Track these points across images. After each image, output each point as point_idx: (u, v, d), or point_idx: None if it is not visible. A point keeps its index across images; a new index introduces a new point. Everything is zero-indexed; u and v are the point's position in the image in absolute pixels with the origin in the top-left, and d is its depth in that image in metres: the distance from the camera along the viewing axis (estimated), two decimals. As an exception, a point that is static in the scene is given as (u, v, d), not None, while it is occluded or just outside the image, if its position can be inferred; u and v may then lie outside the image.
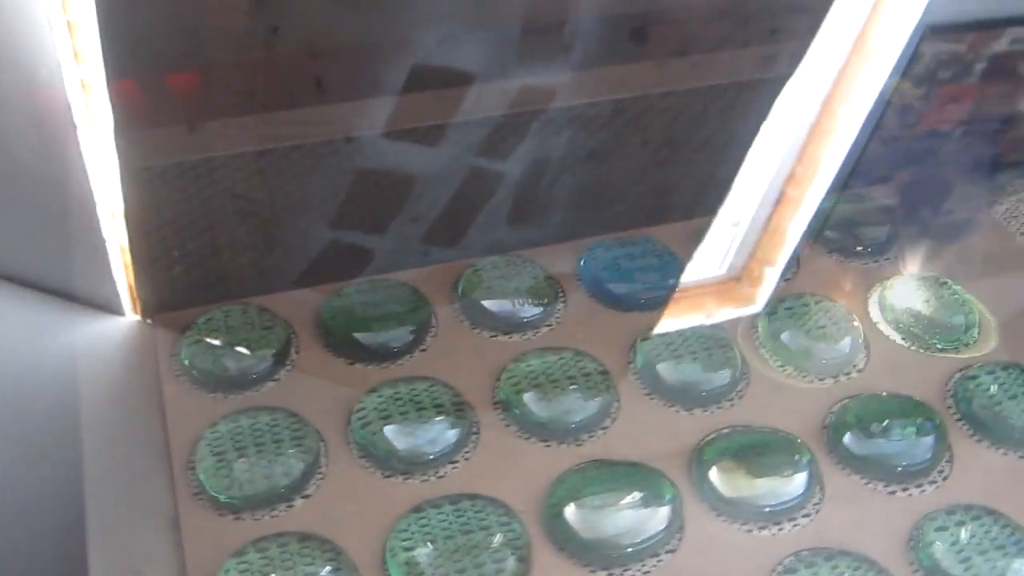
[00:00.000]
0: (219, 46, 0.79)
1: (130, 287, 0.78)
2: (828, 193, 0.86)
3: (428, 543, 0.67)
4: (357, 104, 0.82)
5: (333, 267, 0.85)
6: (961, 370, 0.81)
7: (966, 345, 0.84)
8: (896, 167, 1.00)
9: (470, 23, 0.85)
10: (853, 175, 0.93)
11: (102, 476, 0.70)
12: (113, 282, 0.77)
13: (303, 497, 0.70)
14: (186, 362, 0.76)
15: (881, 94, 0.81)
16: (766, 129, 0.83)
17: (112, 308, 0.79)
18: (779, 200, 0.85)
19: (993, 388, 0.80)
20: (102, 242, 0.74)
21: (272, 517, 0.69)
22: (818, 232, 0.91)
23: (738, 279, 0.86)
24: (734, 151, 0.87)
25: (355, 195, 0.84)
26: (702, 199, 0.89)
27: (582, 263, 0.86)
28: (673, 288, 0.85)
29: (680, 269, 0.87)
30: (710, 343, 0.81)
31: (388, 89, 0.83)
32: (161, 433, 0.73)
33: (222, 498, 0.69)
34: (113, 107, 0.67)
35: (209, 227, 0.83)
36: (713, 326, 0.82)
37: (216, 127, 0.79)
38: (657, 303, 0.84)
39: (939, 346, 0.83)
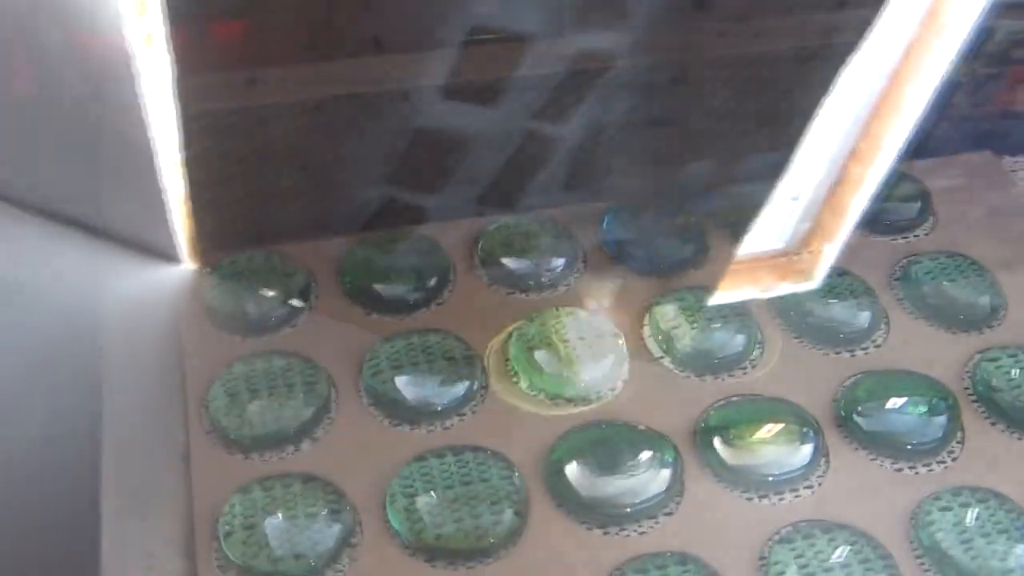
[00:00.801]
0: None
1: (187, 234, 0.79)
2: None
3: (428, 491, 0.68)
4: (415, 60, 0.83)
5: (384, 222, 0.86)
6: (982, 351, 0.80)
7: (990, 327, 0.82)
8: (963, 147, 0.98)
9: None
10: (918, 154, 0.92)
11: (121, 411, 0.72)
12: (169, 229, 0.78)
13: (311, 440, 0.72)
14: (207, 303, 0.78)
15: (950, 72, 0.79)
16: (830, 102, 0.81)
17: (168, 255, 0.80)
18: (841, 176, 0.84)
19: (1014, 372, 0.79)
20: (160, 190, 0.75)
21: (280, 458, 0.70)
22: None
23: (796, 254, 0.85)
24: (796, 123, 0.85)
25: (410, 152, 0.85)
26: (762, 170, 0.88)
27: (605, 224, 0.86)
28: (694, 254, 0.85)
29: (704, 236, 0.86)
30: (727, 310, 0.81)
31: (446, 46, 0.84)
32: (179, 372, 0.75)
33: (232, 437, 0.70)
34: (173, 57, 0.68)
35: (264, 177, 0.85)
36: (736, 298, 0.82)
37: (274, 79, 0.80)
38: (676, 268, 0.84)
39: (962, 326, 0.82)
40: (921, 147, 0.91)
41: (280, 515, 0.66)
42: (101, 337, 0.77)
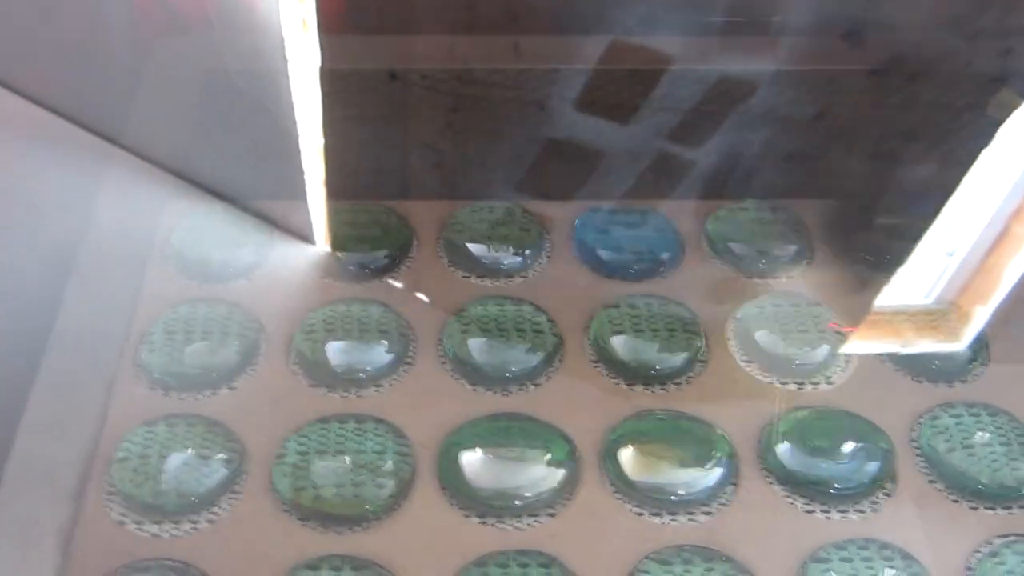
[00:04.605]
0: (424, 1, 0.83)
1: (325, 218, 0.83)
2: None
3: (320, 453, 0.70)
4: (553, 70, 0.84)
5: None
6: (943, 404, 0.75)
7: (963, 381, 0.77)
8: None
9: (674, 4, 0.85)
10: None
11: (67, 336, 0.77)
12: (308, 212, 0.82)
13: (229, 388, 0.74)
14: (174, 247, 0.82)
15: None
16: (989, 156, 0.78)
17: (304, 237, 0.83)
18: (1001, 235, 0.80)
19: (979, 435, 0.73)
20: (302, 173, 0.79)
21: (195, 400, 0.73)
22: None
23: (945, 313, 0.80)
24: (949, 174, 0.82)
25: (541, 162, 0.86)
26: (909, 219, 0.85)
27: (577, 223, 0.85)
28: (662, 263, 0.83)
29: (679, 249, 0.84)
30: (676, 325, 0.78)
31: (584, 61, 0.85)
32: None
33: (156, 374, 0.74)
34: (322, 51, 0.71)
35: (399, 173, 0.89)
36: (686, 309, 0.79)
37: (415, 79, 0.84)
38: (641, 275, 0.82)
39: (931, 376, 0.77)
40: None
41: (175, 452, 0.69)
42: (79, 255, 0.81)
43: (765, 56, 0.86)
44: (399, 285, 0.81)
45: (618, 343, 0.77)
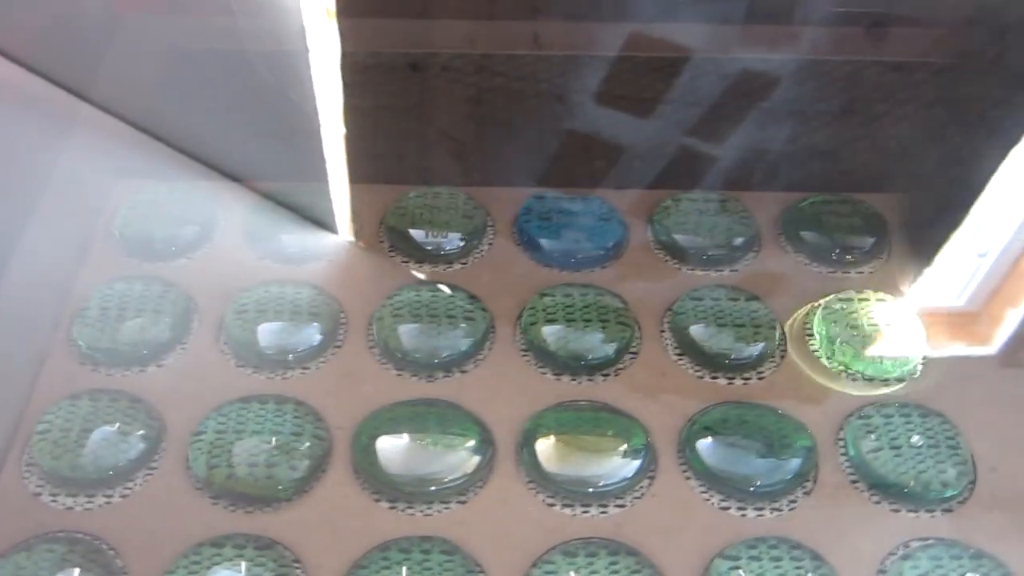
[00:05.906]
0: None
1: (348, 208, 0.84)
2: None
3: (237, 432, 0.70)
4: (572, 63, 0.84)
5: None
6: (875, 403, 0.73)
7: (900, 380, 0.75)
8: None
9: (694, -3, 0.85)
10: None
11: (6, 304, 0.78)
12: (330, 200, 0.83)
13: (158, 365, 0.75)
14: (119, 224, 0.83)
15: None
16: (1019, 155, 0.76)
17: (327, 226, 0.84)
18: None
19: (914, 438, 0.71)
20: (324, 162, 0.81)
21: (123, 376, 0.74)
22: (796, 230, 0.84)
23: (976, 315, 0.79)
24: (978, 173, 0.81)
25: (561, 154, 0.87)
26: (939, 220, 0.84)
27: (522, 210, 0.84)
28: (603, 253, 0.82)
29: (622, 238, 0.83)
30: (610, 315, 0.77)
31: (604, 52, 0.84)
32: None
33: (86, 349, 0.75)
34: (341, 40, 0.72)
35: (420, 162, 0.89)
36: (620, 300, 0.78)
37: (435, 70, 0.84)
38: (580, 265, 0.81)
39: (869, 374, 0.75)
40: None
41: (95, 427, 0.70)
42: (28, 226, 0.82)
43: (788, 49, 0.85)
44: (336, 268, 0.81)
45: (548, 332, 0.76)
